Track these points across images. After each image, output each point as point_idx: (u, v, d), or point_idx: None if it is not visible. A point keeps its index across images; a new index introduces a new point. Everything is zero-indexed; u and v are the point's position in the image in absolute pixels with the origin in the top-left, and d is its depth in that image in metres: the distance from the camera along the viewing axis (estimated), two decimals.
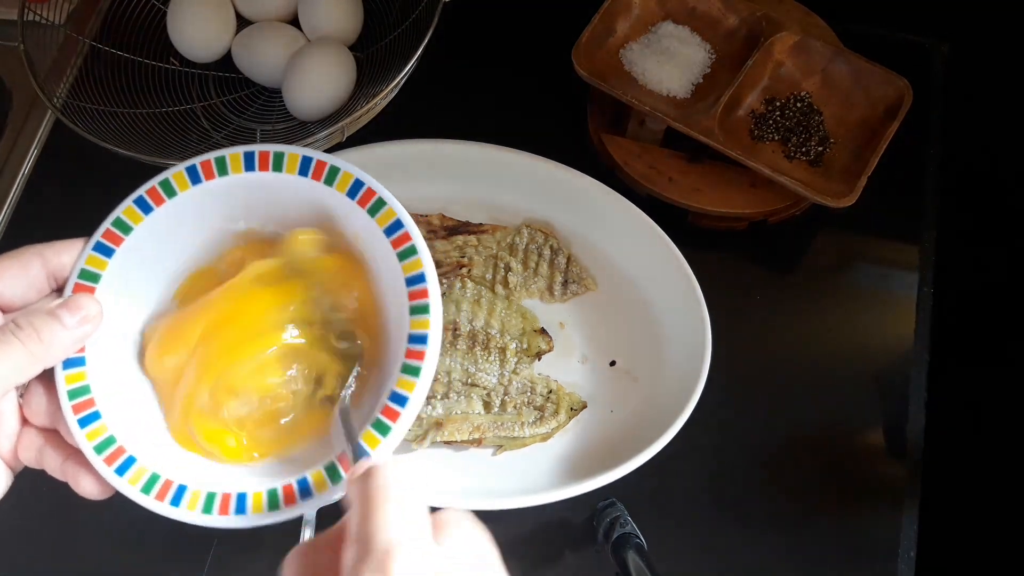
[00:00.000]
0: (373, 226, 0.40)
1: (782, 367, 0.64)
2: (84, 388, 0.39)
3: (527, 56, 0.73)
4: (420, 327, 0.38)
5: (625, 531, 0.55)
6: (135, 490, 0.38)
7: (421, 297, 0.38)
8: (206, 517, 0.37)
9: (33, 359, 0.36)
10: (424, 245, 0.39)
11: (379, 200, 0.40)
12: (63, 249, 0.40)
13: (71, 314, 0.38)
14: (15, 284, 0.38)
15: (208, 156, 0.41)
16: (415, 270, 0.39)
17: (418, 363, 0.38)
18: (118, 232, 0.40)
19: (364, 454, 0.36)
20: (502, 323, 0.61)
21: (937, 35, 0.74)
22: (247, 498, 0.38)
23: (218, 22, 0.69)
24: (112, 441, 0.38)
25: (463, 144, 0.64)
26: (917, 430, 0.62)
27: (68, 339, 0.38)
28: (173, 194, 0.41)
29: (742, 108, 0.68)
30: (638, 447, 0.55)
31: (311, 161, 0.40)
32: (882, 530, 0.59)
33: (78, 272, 0.40)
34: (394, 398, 0.38)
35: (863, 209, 0.62)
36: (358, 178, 0.40)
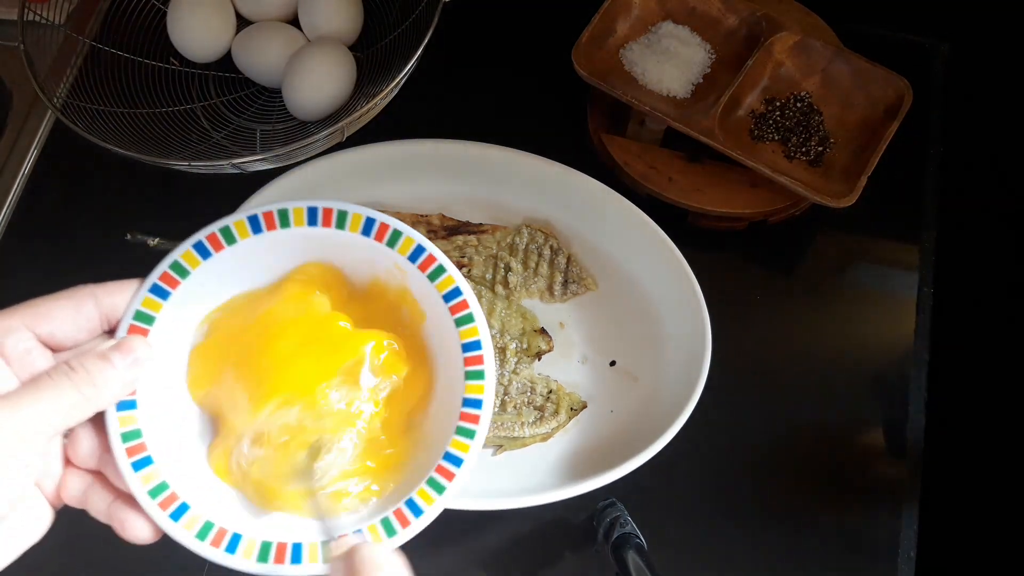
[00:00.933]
0: (432, 290, 0.40)
1: (782, 367, 0.64)
2: (136, 432, 0.38)
3: (527, 56, 0.73)
4: (475, 392, 0.39)
5: (625, 531, 0.55)
6: (190, 535, 0.38)
7: (477, 363, 0.39)
8: (261, 566, 0.37)
9: (85, 402, 0.36)
10: (480, 313, 0.40)
11: (439, 267, 0.40)
12: (116, 290, 0.39)
13: (123, 356, 0.37)
14: (67, 324, 0.38)
15: (271, 207, 0.41)
16: (471, 337, 0.40)
17: (472, 431, 0.38)
18: (175, 275, 0.40)
19: (419, 512, 0.37)
20: (502, 323, 0.61)
21: (937, 35, 0.74)
22: (302, 548, 0.38)
23: (218, 22, 0.69)
24: (165, 487, 0.38)
25: (463, 144, 0.64)
26: (917, 430, 0.62)
27: (119, 382, 0.37)
28: (233, 241, 0.41)
29: (742, 108, 0.68)
30: (638, 447, 0.55)
31: (374, 222, 0.41)
32: (882, 530, 0.59)
33: (132, 313, 0.39)
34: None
35: (863, 209, 0.62)
36: (419, 244, 0.40)
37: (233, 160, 0.60)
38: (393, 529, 0.37)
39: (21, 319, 0.37)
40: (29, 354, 0.37)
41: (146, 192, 0.69)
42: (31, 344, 0.37)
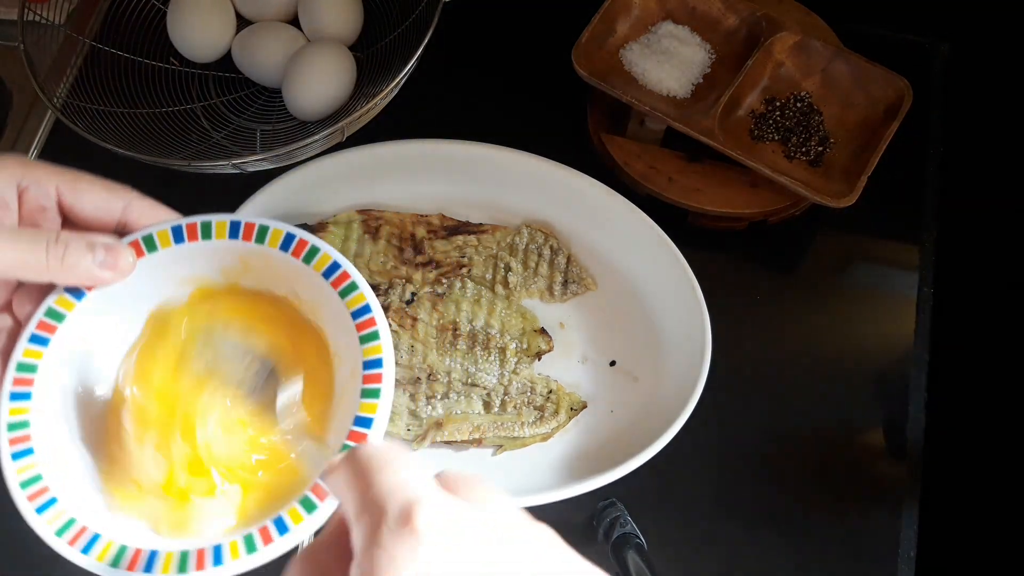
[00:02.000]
0: (342, 307, 0.41)
1: (782, 367, 0.64)
2: (23, 423, 0.39)
3: (527, 56, 0.73)
4: (367, 411, 0.39)
5: (625, 531, 0.55)
6: (49, 531, 0.38)
7: (375, 382, 0.39)
8: (112, 571, 0.37)
9: (44, 269, 0.38)
10: (387, 331, 0.40)
11: (351, 284, 0.41)
12: (148, 208, 0.42)
13: (105, 255, 0.39)
14: (90, 208, 0.41)
15: (195, 219, 0.42)
16: (374, 355, 0.40)
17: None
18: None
19: (285, 531, 0.36)
20: (502, 323, 0.61)
21: (937, 35, 0.74)
22: (157, 557, 0.37)
23: (218, 22, 0.69)
24: (38, 479, 0.39)
25: (463, 144, 0.64)
26: (917, 430, 0.62)
27: (85, 274, 0.39)
28: (154, 249, 0.42)
29: (742, 108, 0.68)
30: (638, 447, 0.55)
31: (293, 238, 0.42)
32: (882, 530, 0.59)
33: (143, 234, 0.41)
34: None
35: (863, 209, 0.62)
36: (335, 260, 0.41)
37: (233, 160, 0.60)
38: (254, 546, 0.37)
39: (57, 179, 0.40)
40: (43, 212, 0.40)
41: (146, 192, 0.69)
42: (50, 204, 0.40)
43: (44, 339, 0.40)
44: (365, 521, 0.26)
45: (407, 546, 0.25)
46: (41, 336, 0.40)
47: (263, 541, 0.37)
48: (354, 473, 0.28)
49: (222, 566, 0.36)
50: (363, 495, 0.27)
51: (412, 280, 0.62)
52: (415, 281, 0.62)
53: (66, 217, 0.41)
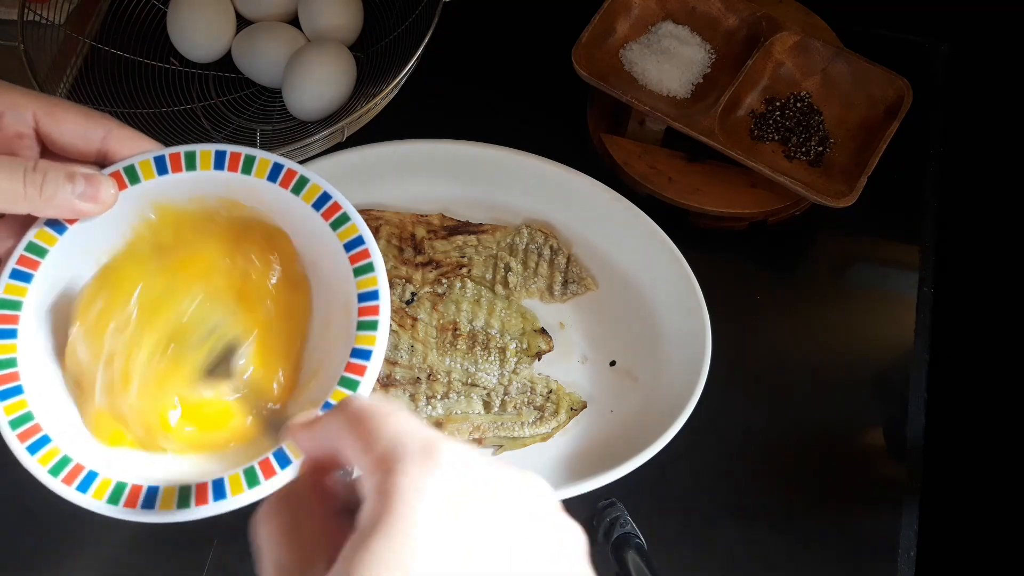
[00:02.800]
0: (334, 238, 0.40)
1: (782, 367, 0.64)
2: (11, 360, 0.38)
3: (527, 56, 0.73)
4: (366, 343, 0.38)
5: (625, 531, 0.55)
6: (43, 470, 0.37)
7: (371, 314, 0.38)
8: (111, 508, 0.36)
9: (22, 199, 0.37)
10: (382, 264, 0.39)
11: (343, 215, 0.40)
12: (128, 137, 0.40)
13: (87, 186, 0.38)
14: (69, 135, 0.39)
15: (179, 149, 0.41)
16: (369, 287, 0.39)
17: (355, 382, 0.37)
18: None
19: (287, 463, 0.36)
20: (502, 323, 0.61)
21: (937, 35, 0.74)
22: (158, 492, 0.36)
23: (218, 22, 0.69)
24: (29, 418, 0.38)
25: (463, 144, 0.64)
26: (917, 430, 0.62)
27: (66, 205, 0.38)
28: (138, 181, 0.40)
29: (742, 108, 0.68)
30: (638, 447, 0.55)
31: (281, 168, 0.40)
32: (882, 530, 0.59)
33: (125, 165, 0.40)
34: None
35: (863, 209, 0.62)
36: (325, 191, 0.40)
37: None
38: (257, 479, 0.36)
39: (35, 105, 0.38)
40: (20, 139, 0.38)
41: None
42: (27, 131, 0.38)
43: (27, 275, 0.39)
44: (379, 458, 0.26)
45: (433, 476, 0.26)
46: (23, 272, 0.39)
47: (265, 474, 0.36)
48: (355, 419, 0.28)
49: (224, 500, 0.36)
50: (371, 437, 0.27)
51: (412, 280, 0.62)
52: (415, 281, 0.62)
53: (44, 145, 0.39)
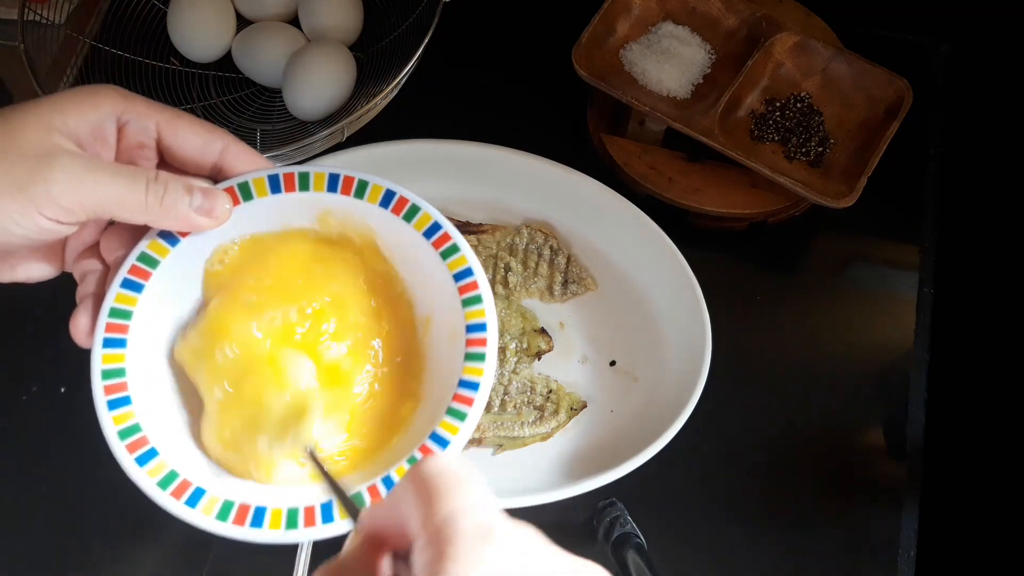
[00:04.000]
0: (444, 271, 0.40)
1: (782, 367, 0.64)
2: (120, 371, 0.38)
3: (527, 56, 0.73)
4: (473, 374, 0.38)
5: (625, 531, 0.55)
6: (152, 483, 0.37)
7: (479, 345, 0.38)
8: (219, 524, 0.36)
9: (143, 210, 0.37)
10: (490, 296, 0.39)
11: (453, 245, 0.40)
12: (244, 153, 0.41)
13: (203, 199, 0.38)
14: (188, 149, 0.39)
15: (292, 169, 0.41)
16: (477, 318, 0.39)
17: (463, 413, 0.38)
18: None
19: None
20: (502, 323, 0.61)
21: (937, 35, 0.74)
22: (265, 513, 0.36)
23: (218, 22, 0.69)
24: (137, 429, 0.37)
25: (463, 144, 0.64)
26: (917, 430, 0.62)
27: (182, 218, 0.38)
28: (250, 197, 0.41)
29: (742, 108, 0.68)
30: (638, 447, 0.55)
31: (394, 195, 0.41)
32: (882, 530, 0.59)
33: (239, 181, 0.40)
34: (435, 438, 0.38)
35: (863, 209, 0.62)
36: (436, 221, 0.40)
37: None
38: (364, 505, 0.36)
39: (158, 117, 0.39)
40: (141, 148, 0.39)
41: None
42: (149, 142, 0.39)
43: (138, 285, 0.39)
44: (432, 534, 0.25)
45: (485, 565, 0.24)
46: (134, 281, 0.39)
47: (372, 500, 0.36)
48: (422, 485, 0.26)
49: (332, 523, 0.36)
50: (432, 508, 0.25)
51: None
52: None
53: (162, 156, 0.40)
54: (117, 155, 0.39)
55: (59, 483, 0.60)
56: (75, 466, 0.60)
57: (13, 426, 0.61)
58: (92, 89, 0.38)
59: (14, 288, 0.41)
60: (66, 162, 0.35)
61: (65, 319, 0.39)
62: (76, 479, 0.60)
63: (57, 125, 0.36)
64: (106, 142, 0.38)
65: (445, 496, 0.25)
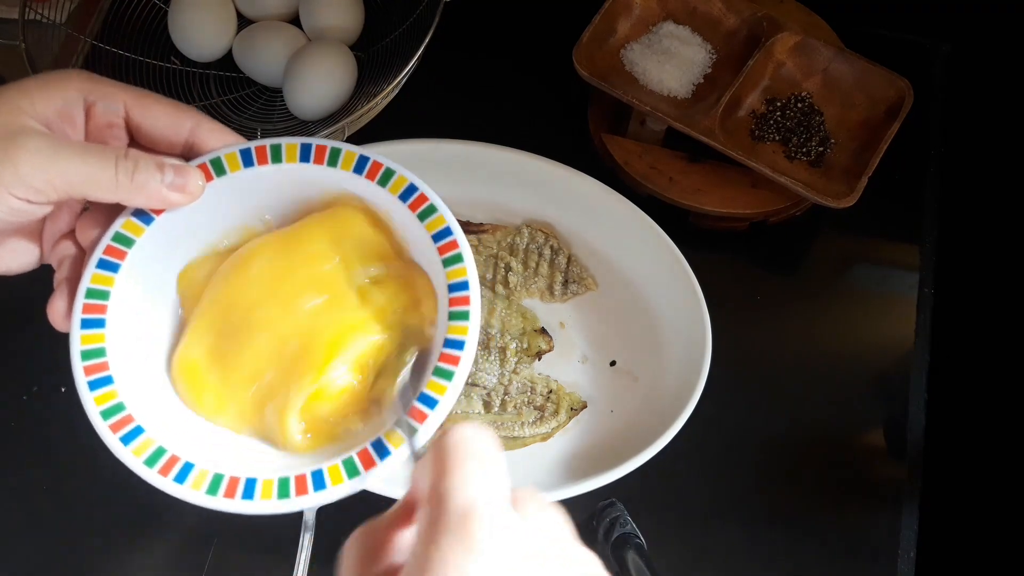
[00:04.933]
0: (423, 232, 0.40)
1: (782, 367, 0.64)
2: (100, 350, 0.38)
3: (528, 56, 0.73)
4: (458, 333, 0.38)
5: (625, 531, 0.55)
6: (138, 461, 0.36)
7: (462, 304, 0.38)
8: (209, 498, 0.36)
9: (114, 187, 0.37)
10: (470, 253, 0.39)
11: (430, 206, 0.41)
12: (214, 130, 0.41)
13: (175, 176, 0.38)
14: (159, 125, 0.39)
15: (264, 142, 0.41)
16: (459, 277, 0.39)
17: (450, 372, 0.37)
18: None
19: (386, 454, 0.36)
20: (502, 323, 0.61)
21: (938, 35, 0.74)
22: (256, 484, 0.36)
23: (219, 22, 0.70)
24: (121, 408, 0.37)
25: (463, 144, 0.64)
26: (917, 430, 0.62)
27: (155, 195, 0.38)
28: (223, 172, 0.41)
29: (743, 108, 0.68)
30: (638, 447, 0.55)
31: (367, 160, 0.41)
32: (882, 530, 0.59)
33: (211, 157, 0.40)
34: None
35: (864, 209, 0.62)
36: (412, 183, 0.41)
37: None
38: (356, 470, 0.36)
39: (125, 95, 0.39)
40: (110, 128, 0.38)
41: None
42: (118, 120, 0.39)
43: (114, 264, 0.39)
44: (428, 511, 0.26)
45: (460, 554, 0.25)
46: (110, 261, 0.39)
47: (364, 465, 0.36)
48: (439, 454, 0.27)
49: (324, 490, 0.36)
50: (437, 480, 0.27)
51: None
52: None
53: (132, 136, 0.40)
54: (86, 135, 0.38)
55: (59, 483, 0.60)
56: (75, 465, 0.60)
57: (13, 426, 0.62)
58: (59, 73, 0.38)
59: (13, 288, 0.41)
60: (33, 142, 0.35)
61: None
62: (76, 479, 0.60)
63: (24, 107, 0.36)
64: (74, 123, 0.38)
65: (447, 471, 0.27)
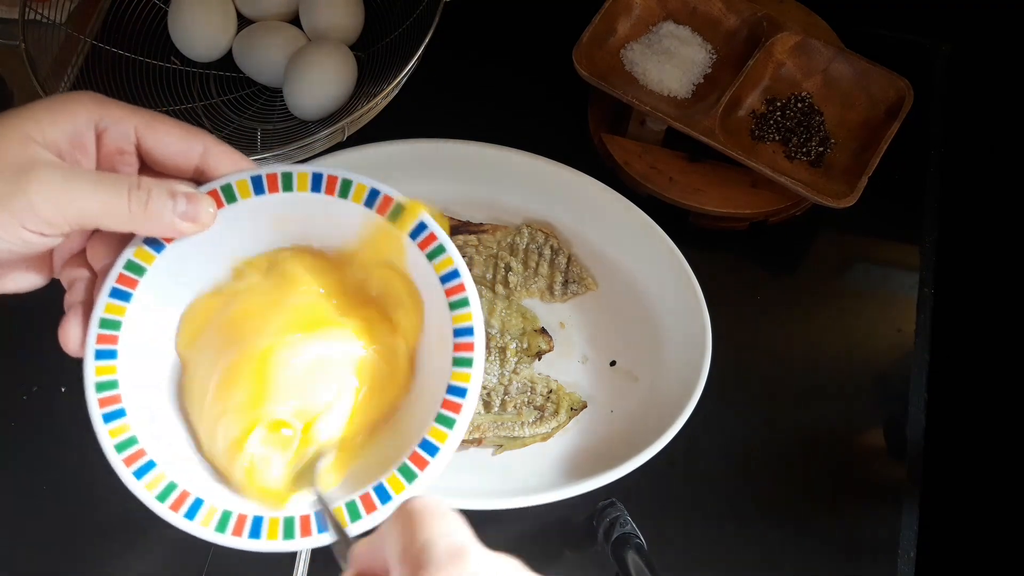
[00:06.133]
0: (431, 272, 0.39)
1: (782, 367, 0.64)
2: (112, 383, 0.38)
3: (528, 56, 0.73)
4: (461, 380, 0.38)
5: (625, 531, 0.55)
6: (150, 496, 0.37)
7: (466, 350, 0.38)
8: (218, 535, 0.37)
9: (127, 217, 0.36)
10: (477, 297, 0.39)
11: (439, 246, 0.39)
12: (224, 154, 0.40)
13: (187, 205, 0.38)
14: (169, 151, 0.39)
15: (275, 169, 0.40)
16: (464, 322, 0.39)
17: (452, 420, 0.38)
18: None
19: (388, 499, 0.36)
20: (502, 323, 0.61)
21: (938, 35, 0.74)
22: (263, 523, 0.37)
23: (219, 21, 0.69)
24: (134, 442, 0.38)
25: (463, 144, 0.64)
26: (917, 430, 0.62)
27: (167, 224, 0.37)
28: (234, 200, 0.40)
29: (743, 108, 0.68)
30: (638, 447, 0.55)
31: (378, 194, 0.40)
32: (882, 530, 0.59)
33: (221, 183, 0.39)
34: (424, 446, 0.38)
35: (864, 209, 0.62)
36: (422, 221, 0.40)
37: None
38: (358, 514, 0.37)
39: (137, 120, 0.38)
40: (121, 155, 0.38)
41: None
42: (128, 147, 0.38)
43: (126, 294, 0.39)
44: (411, 563, 0.26)
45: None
46: (122, 290, 0.39)
47: (366, 509, 0.37)
48: (406, 518, 0.28)
49: (326, 532, 0.36)
50: (412, 539, 0.27)
51: None
52: None
53: (143, 160, 0.39)
54: (98, 163, 0.38)
55: (59, 483, 0.60)
56: (75, 466, 0.60)
57: (13, 426, 0.62)
58: (66, 97, 0.38)
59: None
60: (46, 174, 0.35)
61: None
62: (76, 479, 0.60)
63: (35, 136, 0.36)
64: (85, 150, 0.38)
65: (422, 527, 0.27)
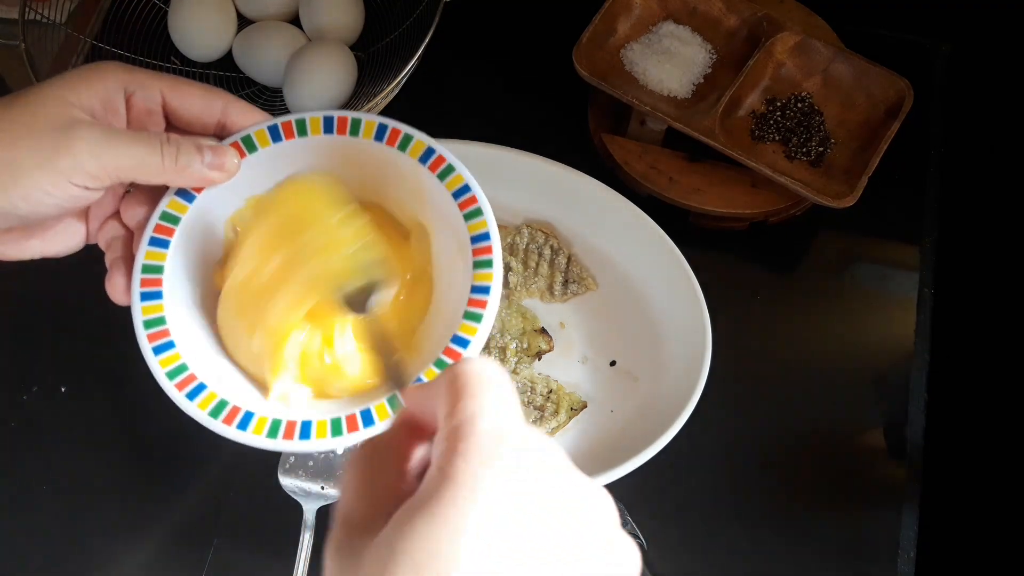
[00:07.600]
0: (443, 191, 0.43)
1: (782, 367, 0.64)
2: (160, 319, 0.42)
3: (528, 56, 0.73)
4: (484, 279, 0.42)
5: (625, 531, 0.55)
6: (204, 414, 0.40)
7: (485, 253, 0.42)
8: (270, 441, 0.40)
9: (160, 170, 0.40)
10: (489, 207, 0.43)
11: (449, 166, 0.44)
12: (244, 109, 0.44)
13: (214, 157, 0.42)
14: (194, 109, 0.43)
15: (290, 118, 0.45)
16: (480, 230, 0.42)
17: (479, 315, 0.41)
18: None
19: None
20: (502, 323, 0.61)
21: (938, 35, 0.74)
22: (311, 426, 0.40)
23: (219, 22, 0.70)
24: (184, 369, 0.41)
25: (463, 144, 0.64)
26: (917, 430, 0.62)
27: (196, 174, 0.42)
28: (255, 148, 0.44)
29: (743, 108, 0.68)
30: (638, 447, 0.55)
31: (386, 128, 0.45)
32: (882, 530, 0.59)
33: (242, 135, 0.44)
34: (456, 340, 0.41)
35: (864, 209, 0.62)
36: (430, 146, 0.44)
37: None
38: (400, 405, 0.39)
39: (162, 84, 0.42)
40: (150, 115, 0.42)
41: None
42: (156, 108, 0.42)
43: (164, 241, 0.42)
44: (448, 436, 0.26)
45: (492, 468, 0.25)
46: (161, 239, 0.42)
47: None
48: (453, 381, 0.27)
49: (373, 426, 0.40)
50: (455, 407, 0.27)
51: None
52: None
53: (169, 120, 0.43)
54: (128, 123, 0.42)
55: (59, 483, 0.60)
56: (75, 466, 0.60)
57: (13, 426, 0.62)
58: (96, 66, 0.41)
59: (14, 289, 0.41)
60: (87, 132, 0.38)
61: (65, 320, 0.40)
62: (75, 479, 0.60)
63: (72, 100, 0.39)
64: (116, 112, 0.41)
65: (470, 396, 0.27)
